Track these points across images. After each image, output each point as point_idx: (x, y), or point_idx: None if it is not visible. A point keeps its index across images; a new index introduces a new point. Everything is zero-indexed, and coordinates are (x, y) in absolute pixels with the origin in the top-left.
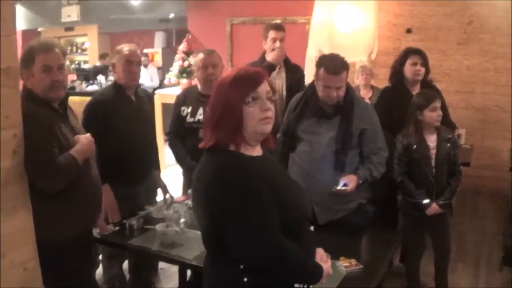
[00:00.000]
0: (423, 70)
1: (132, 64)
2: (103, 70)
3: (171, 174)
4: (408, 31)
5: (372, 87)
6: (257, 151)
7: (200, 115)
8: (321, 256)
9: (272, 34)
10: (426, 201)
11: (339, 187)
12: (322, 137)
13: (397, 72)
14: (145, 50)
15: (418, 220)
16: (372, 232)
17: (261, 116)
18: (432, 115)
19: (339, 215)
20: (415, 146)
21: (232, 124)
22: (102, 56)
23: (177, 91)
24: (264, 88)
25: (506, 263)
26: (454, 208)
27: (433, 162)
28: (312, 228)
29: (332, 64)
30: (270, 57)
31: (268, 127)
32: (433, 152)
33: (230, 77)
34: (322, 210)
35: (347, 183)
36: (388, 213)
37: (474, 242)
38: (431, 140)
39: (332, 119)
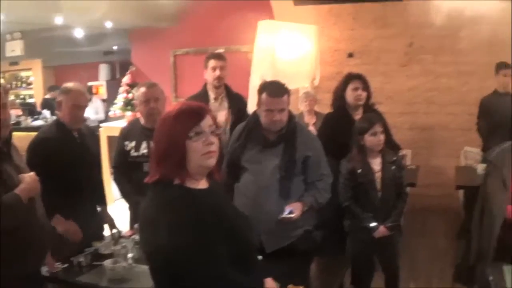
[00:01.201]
0: (364, 94)
1: (80, 108)
2: (52, 103)
3: (120, 208)
4: (350, 55)
5: (316, 113)
6: (202, 184)
7: (144, 149)
8: (270, 286)
9: (212, 63)
10: (373, 224)
11: (285, 215)
12: (266, 166)
13: (339, 97)
14: (90, 83)
15: (366, 243)
16: (320, 257)
17: (204, 150)
18: (373, 139)
19: (286, 242)
20: (359, 170)
21: (176, 158)
22: (51, 89)
23: (122, 123)
24: (207, 122)
25: (458, 280)
26: (404, 228)
27: (378, 186)
28: (260, 257)
29: (274, 88)
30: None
31: (212, 161)
32: (378, 175)
33: (173, 112)
34: (269, 238)
35: (293, 210)
36: (336, 237)
37: (425, 260)
38: (376, 163)
39: (275, 147)
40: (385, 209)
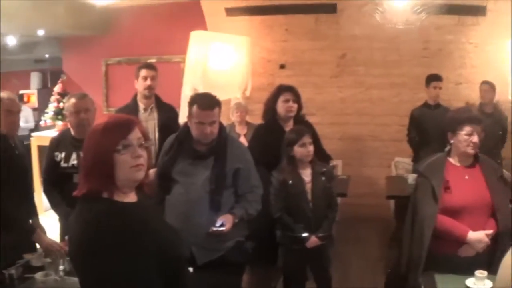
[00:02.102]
0: (295, 106)
1: (13, 114)
2: None
3: (52, 218)
4: (282, 66)
5: (247, 124)
6: (131, 198)
7: (74, 160)
8: None
9: (143, 72)
10: (305, 234)
11: (215, 228)
12: (197, 178)
13: (270, 109)
14: (21, 91)
15: (298, 253)
16: (252, 269)
17: (132, 163)
18: (302, 150)
19: (217, 254)
20: (290, 181)
21: (104, 172)
22: None
23: (53, 133)
24: (135, 135)
25: None
26: (336, 237)
27: (309, 196)
28: (191, 269)
29: (205, 100)
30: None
31: (140, 174)
32: (308, 186)
33: (101, 125)
34: (200, 250)
35: (223, 223)
36: (267, 248)
37: (358, 269)
38: (306, 174)
39: (206, 159)
40: (316, 219)
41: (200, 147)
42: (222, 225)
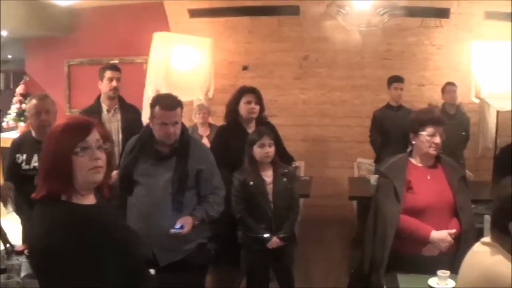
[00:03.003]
0: (257, 108)
1: None
2: None
3: (14, 221)
4: (245, 68)
5: (210, 125)
6: (90, 200)
7: (35, 162)
8: None
9: (108, 74)
10: (266, 235)
11: (174, 230)
12: (159, 180)
13: (232, 110)
14: None
15: (260, 254)
16: (215, 270)
17: (90, 165)
18: (260, 151)
19: (179, 256)
20: (251, 182)
21: (62, 174)
22: None
23: (15, 134)
24: (93, 137)
25: None
26: (299, 238)
27: (270, 197)
28: (153, 271)
29: (167, 101)
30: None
31: (99, 176)
32: (269, 187)
33: (59, 128)
34: (162, 252)
35: (183, 225)
36: (230, 249)
37: (321, 269)
38: (267, 175)
39: (168, 160)
40: (277, 220)
41: (163, 148)
42: (181, 227)
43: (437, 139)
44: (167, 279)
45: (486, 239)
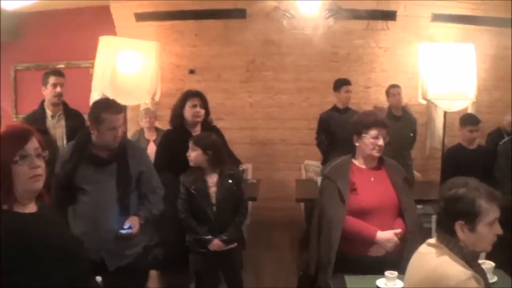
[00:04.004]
0: (202, 111)
1: None
2: None
3: None
4: (191, 72)
5: (157, 129)
6: (31, 208)
7: None
8: None
9: (52, 80)
10: (208, 237)
11: (124, 231)
12: (103, 185)
13: (177, 114)
14: None
15: (208, 257)
16: (164, 274)
17: (30, 174)
18: (192, 154)
19: (127, 260)
20: (194, 185)
21: (3, 184)
22: None
23: None
24: (32, 145)
25: None
26: (248, 241)
27: (213, 200)
28: (99, 278)
29: (113, 105)
30: None
31: (39, 185)
32: (213, 190)
33: None
34: (110, 256)
35: (131, 225)
36: (179, 253)
37: (270, 272)
38: (212, 178)
39: (109, 165)
40: (220, 223)
41: (102, 153)
42: (129, 228)
43: (380, 141)
44: (113, 284)
45: (432, 240)
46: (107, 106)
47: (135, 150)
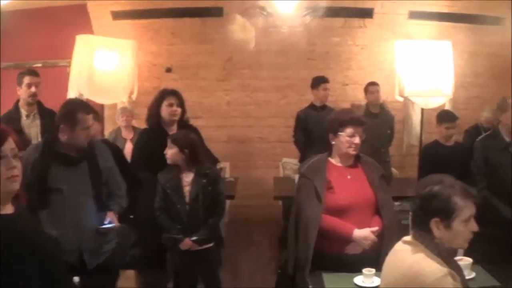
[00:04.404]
0: (179, 110)
1: None
2: None
3: None
4: (168, 70)
5: (134, 128)
6: (8, 209)
7: None
8: None
9: (27, 79)
10: (179, 236)
11: (105, 226)
12: (77, 184)
13: (153, 113)
14: None
15: (185, 256)
16: (142, 273)
17: (7, 174)
18: (169, 152)
19: (104, 256)
20: (168, 184)
21: None
22: None
23: None
24: (8, 146)
25: None
26: (226, 239)
27: (187, 199)
28: (76, 279)
29: (87, 105)
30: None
31: (15, 185)
32: (187, 189)
33: None
34: (90, 254)
35: (111, 220)
36: (156, 252)
37: (248, 270)
38: (188, 177)
39: (80, 164)
40: (194, 222)
41: (71, 152)
42: (110, 223)
43: (357, 139)
44: (90, 284)
45: (407, 237)
46: (81, 106)
47: (100, 147)
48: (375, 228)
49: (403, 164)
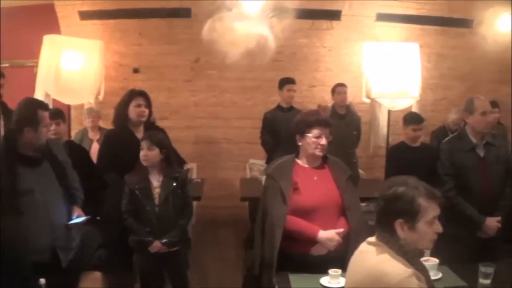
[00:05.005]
0: (147, 111)
1: None
2: None
3: None
4: (135, 70)
5: (100, 129)
6: None
7: None
8: None
9: None
10: (148, 239)
11: (74, 221)
12: (46, 183)
13: (120, 114)
14: None
15: (152, 257)
16: (107, 275)
17: None
18: (140, 153)
19: (72, 253)
20: (137, 186)
21: None
22: None
23: None
24: None
25: None
26: (194, 240)
27: (156, 201)
28: (43, 280)
29: (44, 103)
30: None
31: None
32: (156, 191)
33: None
34: (64, 251)
35: (78, 214)
36: (123, 254)
37: (217, 271)
38: (156, 179)
39: (42, 163)
40: (163, 224)
41: (31, 153)
42: (78, 217)
43: (323, 141)
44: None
45: (372, 238)
46: (39, 104)
47: (54, 144)
48: (340, 230)
49: (370, 165)
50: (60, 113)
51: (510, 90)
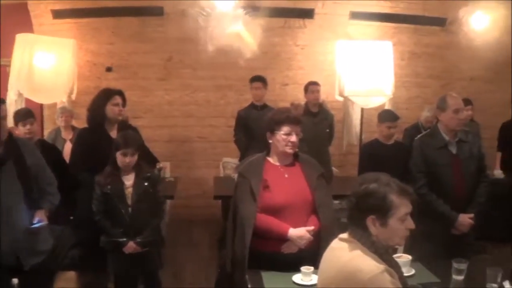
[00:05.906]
0: (124, 110)
1: None
2: None
3: None
4: (108, 69)
5: (73, 128)
6: None
7: None
8: None
9: None
10: (122, 239)
11: (35, 225)
12: (7, 184)
13: (97, 113)
14: None
15: (125, 257)
16: (81, 275)
17: None
18: (122, 159)
19: (41, 257)
20: (109, 186)
21: None
22: None
23: None
24: None
25: None
26: (168, 239)
27: (129, 201)
28: (15, 280)
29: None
30: None
31: None
32: (129, 191)
33: None
34: (25, 255)
35: (40, 219)
36: (97, 254)
37: (191, 270)
38: (129, 179)
39: (6, 164)
40: (136, 224)
41: None
42: (39, 221)
43: (294, 138)
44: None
45: (344, 235)
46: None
47: (26, 144)
48: (311, 228)
49: (344, 163)
50: (31, 113)
51: (484, 88)
